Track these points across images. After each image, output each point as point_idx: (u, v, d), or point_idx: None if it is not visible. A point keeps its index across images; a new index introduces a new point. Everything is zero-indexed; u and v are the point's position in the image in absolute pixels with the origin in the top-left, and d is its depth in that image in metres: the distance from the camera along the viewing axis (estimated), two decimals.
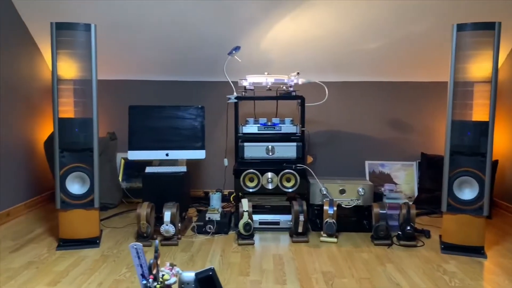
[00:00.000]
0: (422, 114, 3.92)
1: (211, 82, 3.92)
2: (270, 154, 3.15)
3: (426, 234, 2.90)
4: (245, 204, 2.82)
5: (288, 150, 3.16)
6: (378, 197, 3.13)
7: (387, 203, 2.97)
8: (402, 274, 2.32)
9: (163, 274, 1.78)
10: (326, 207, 2.83)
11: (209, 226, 2.93)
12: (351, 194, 3.05)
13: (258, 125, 3.21)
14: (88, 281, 2.21)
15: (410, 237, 2.74)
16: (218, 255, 2.58)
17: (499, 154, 3.60)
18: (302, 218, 2.79)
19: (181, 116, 3.25)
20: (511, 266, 2.44)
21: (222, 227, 2.96)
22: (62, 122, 2.62)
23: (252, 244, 2.76)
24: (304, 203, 2.84)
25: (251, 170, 3.06)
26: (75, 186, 2.67)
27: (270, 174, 3.05)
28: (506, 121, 3.60)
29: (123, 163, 3.94)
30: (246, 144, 3.17)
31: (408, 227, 2.72)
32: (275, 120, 3.24)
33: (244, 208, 2.80)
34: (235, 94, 3.20)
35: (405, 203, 2.83)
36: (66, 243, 2.67)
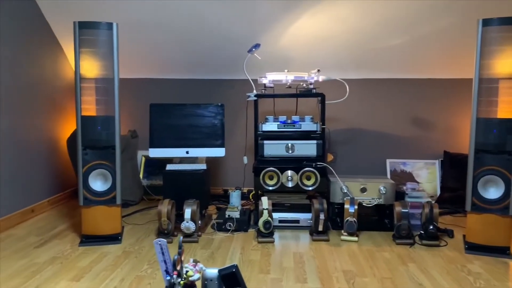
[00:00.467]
0: (445, 112, 3.85)
1: (231, 80, 3.92)
2: (290, 152, 3.14)
3: (449, 233, 2.85)
4: (265, 202, 2.82)
5: (308, 148, 3.13)
6: (399, 195, 3.08)
7: (409, 202, 2.92)
8: (425, 274, 2.28)
9: (187, 271, 1.78)
10: (347, 206, 2.81)
11: (229, 223, 2.94)
12: (372, 192, 3.02)
13: (278, 123, 3.20)
14: (110, 276, 2.24)
15: (433, 236, 2.70)
16: (238, 253, 2.58)
17: None
18: (322, 216, 2.77)
19: (201, 114, 3.27)
20: None
21: (242, 225, 2.96)
22: (84, 120, 2.66)
23: (272, 242, 2.76)
24: (324, 202, 2.82)
25: (271, 168, 3.05)
26: (98, 183, 2.71)
27: (290, 172, 3.03)
28: None
29: (144, 161, 3.98)
30: (265, 142, 3.15)
31: (431, 227, 2.68)
32: (295, 117, 3.22)
33: (264, 206, 2.80)
34: (255, 92, 3.20)
35: (428, 202, 2.78)
36: (89, 239, 2.71)
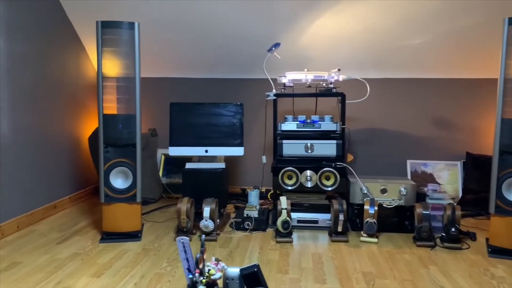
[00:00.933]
0: (468, 112, 3.77)
1: (250, 79, 3.92)
2: (309, 151, 3.12)
3: (471, 236, 2.80)
4: (283, 201, 2.81)
5: (327, 148, 3.11)
6: (420, 197, 3.04)
7: (431, 204, 2.87)
8: (446, 277, 2.24)
9: (209, 269, 1.79)
10: (366, 207, 2.78)
11: (247, 222, 2.94)
12: (393, 194, 2.98)
13: (297, 122, 3.18)
14: (130, 273, 2.27)
15: (455, 239, 2.65)
16: (257, 252, 2.58)
17: None
18: (341, 217, 2.74)
19: (220, 113, 3.27)
20: None
21: (260, 224, 2.96)
22: (106, 118, 2.69)
23: (290, 242, 2.75)
24: (344, 202, 2.79)
25: (290, 168, 3.04)
26: (118, 181, 2.74)
27: (309, 172, 3.02)
28: None
29: (164, 159, 4.02)
30: (284, 141, 3.14)
31: (453, 229, 2.63)
32: (315, 117, 3.20)
33: (282, 205, 2.79)
34: (274, 91, 3.19)
35: (449, 204, 2.74)
36: (109, 236, 2.75)
